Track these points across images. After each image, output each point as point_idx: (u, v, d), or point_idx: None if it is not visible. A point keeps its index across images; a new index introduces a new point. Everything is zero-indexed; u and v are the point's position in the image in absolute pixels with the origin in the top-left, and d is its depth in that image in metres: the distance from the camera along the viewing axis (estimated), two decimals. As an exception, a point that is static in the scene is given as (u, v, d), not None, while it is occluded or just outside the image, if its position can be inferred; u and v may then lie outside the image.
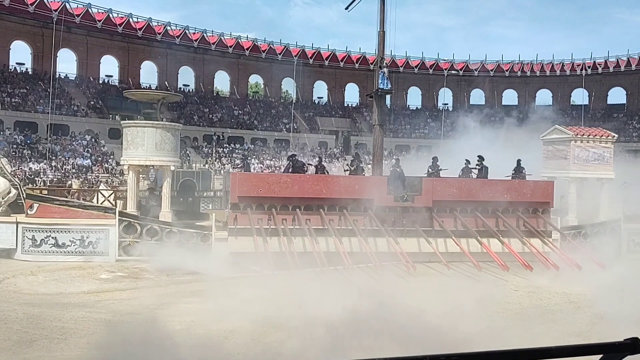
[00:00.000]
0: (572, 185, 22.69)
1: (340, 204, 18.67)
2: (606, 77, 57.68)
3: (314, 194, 18.63)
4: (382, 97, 21.77)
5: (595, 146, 22.75)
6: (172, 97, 25.89)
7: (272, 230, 17.90)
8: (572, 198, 22.75)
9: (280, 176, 19.85)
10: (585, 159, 22.60)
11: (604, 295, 12.82)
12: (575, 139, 22.62)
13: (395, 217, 18.98)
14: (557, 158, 23.33)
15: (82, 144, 39.29)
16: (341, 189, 18.71)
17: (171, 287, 15.01)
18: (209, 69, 55.42)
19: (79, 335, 10.38)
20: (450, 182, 19.83)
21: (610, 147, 22.92)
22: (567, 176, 22.79)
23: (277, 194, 18.41)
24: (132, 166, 20.65)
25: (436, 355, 1.72)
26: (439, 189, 19.35)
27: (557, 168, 23.20)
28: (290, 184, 18.62)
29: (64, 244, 18.15)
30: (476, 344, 8.52)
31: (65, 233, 18.17)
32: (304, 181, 18.96)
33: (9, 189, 18.61)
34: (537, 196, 20.06)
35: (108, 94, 48.49)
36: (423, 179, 19.92)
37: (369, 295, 12.37)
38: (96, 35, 48.23)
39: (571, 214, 22.57)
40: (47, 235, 18.11)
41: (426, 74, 60.08)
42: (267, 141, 51.70)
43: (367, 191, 18.74)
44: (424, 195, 19.19)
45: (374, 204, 18.79)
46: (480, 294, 14.07)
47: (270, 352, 9.68)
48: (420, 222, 18.94)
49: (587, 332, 11.13)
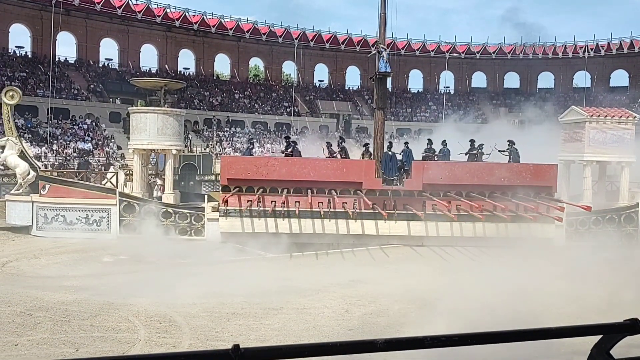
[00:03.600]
0: (587, 169, 21.71)
1: (329, 187, 18.87)
2: (609, 60, 57.24)
3: (302, 176, 18.87)
4: (383, 81, 21.63)
5: (614, 127, 21.36)
6: (175, 85, 26.49)
7: (261, 212, 18.50)
8: (587, 182, 21.77)
9: (269, 159, 20.23)
10: (602, 141, 21.37)
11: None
12: (591, 120, 21.42)
13: (385, 200, 19.00)
14: (573, 141, 22.27)
15: (83, 127, 39.21)
16: (329, 172, 18.88)
17: (172, 270, 15.10)
18: (209, 52, 55.07)
19: (82, 318, 10.48)
20: (442, 166, 19.52)
21: (631, 129, 21.45)
22: (582, 159, 21.74)
23: (266, 176, 18.84)
24: (136, 150, 21.75)
25: (437, 336, 1.74)
26: (431, 172, 19.04)
27: (573, 151, 22.20)
28: (278, 167, 19.00)
29: (71, 222, 19.73)
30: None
31: (72, 212, 19.73)
32: (292, 164, 19.21)
33: (29, 171, 20.35)
34: (539, 180, 19.44)
35: (108, 77, 48.26)
36: (413, 162, 19.69)
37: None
38: (95, 18, 47.85)
39: (585, 200, 21.44)
40: (57, 213, 19.78)
41: (428, 56, 59.64)
42: (267, 124, 51.55)
43: (355, 174, 18.80)
44: (414, 179, 19.03)
45: (363, 187, 18.86)
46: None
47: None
48: (411, 205, 18.91)
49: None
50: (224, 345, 9.28)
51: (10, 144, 20.53)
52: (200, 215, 19.52)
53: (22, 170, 20.26)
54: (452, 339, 1.72)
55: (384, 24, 21.48)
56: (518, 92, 61.37)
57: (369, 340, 1.71)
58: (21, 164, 20.30)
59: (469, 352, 2.15)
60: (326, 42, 56.98)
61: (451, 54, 58.57)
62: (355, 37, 57.63)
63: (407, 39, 58.39)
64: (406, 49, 58.26)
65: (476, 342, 1.75)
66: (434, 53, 59.08)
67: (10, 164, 20.62)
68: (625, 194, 21.70)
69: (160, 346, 9.07)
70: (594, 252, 15.71)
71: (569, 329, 1.86)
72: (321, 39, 56.87)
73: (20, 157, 20.44)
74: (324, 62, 60.21)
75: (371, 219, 18.53)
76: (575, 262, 14.49)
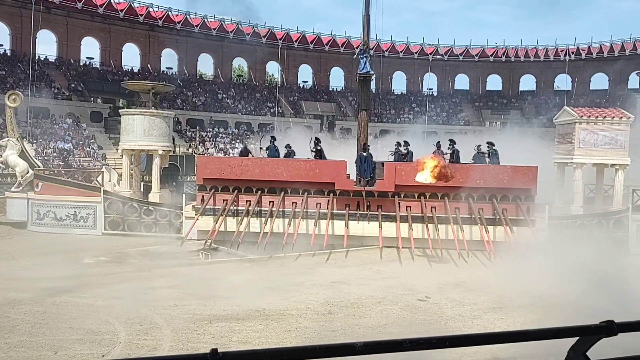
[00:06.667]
0: (577, 172, 20.98)
1: (303, 187, 19.01)
2: (589, 63, 58.11)
3: (275, 177, 19.05)
4: (367, 82, 21.66)
5: (606, 128, 20.48)
6: (163, 88, 27.47)
7: (236, 211, 18.87)
8: (578, 186, 21.08)
9: (242, 159, 20.31)
10: (593, 142, 20.55)
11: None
12: (581, 121, 20.60)
13: (359, 201, 19.05)
14: (566, 142, 21.58)
15: (63, 127, 38.70)
16: (302, 173, 18.99)
17: (155, 271, 14.97)
18: (193, 52, 54.73)
19: (60, 320, 10.32)
20: (415, 167, 18.97)
21: (625, 130, 20.52)
22: (572, 161, 20.99)
23: (240, 176, 19.11)
24: (125, 150, 22.76)
25: (416, 339, 1.74)
26: (404, 173, 18.86)
27: (565, 153, 21.51)
28: (252, 167, 19.22)
29: (61, 218, 20.73)
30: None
31: (62, 208, 20.71)
32: (265, 164, 19.40)
33: (27, 170, 21.87)
34: (517, 182, 18.79)
35: (89, 76, 47.71)
36: (385, 163, 19.64)
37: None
38: (76, 17, 47.30)
39: (576, 203, 20.89)
40: (48, 210, 20.83)
41: (411, 58, 59.97)
42: (251, 125, 51.40)
43: (328, 175, 18.90)
44: (386, 180, 18.97)
45: (336, 187, 18.95)
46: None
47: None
48: (384, 207, 18.91)
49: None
50: (206, 347, 9.22)
51: (11, 144, 22.03)
52: (179, 214, 20.23)
53: (21, 169, 21.81)
54: (430, 341, 1.72)
55: (368, 26, 21.53)
56: (500, 94, 62.01)
57: (349, 344, 1.71)
58: (20, 163, 21.83)
59: (453, 353, 2.17)
60: (310, 43, 57.01)
61: (434, 56, 58.97)
62: (340, 38, 57.75)
63: (391, 41, 58.67)
64: (390, 51, 58.54)
65: (455, 345, 1.75)
66: (417, 55, 59.45)
67: (11, 163, 22.16)
68: (620, 198, 20.80)
69: (141, 348, 8.97)
70: (570, 258, 15.44)
71: (546, 331, 1.87)
72: (305, 40, 56.89)
73: (21, 156, 22.02)
74: (308, 63, 60.22)
75: (342, 220, 18.53)
76: (541, 268, 14.43)
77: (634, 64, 52.93)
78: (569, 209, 20.88)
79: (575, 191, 21.14)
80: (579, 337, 1.92)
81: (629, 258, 16.69)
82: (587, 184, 23.02)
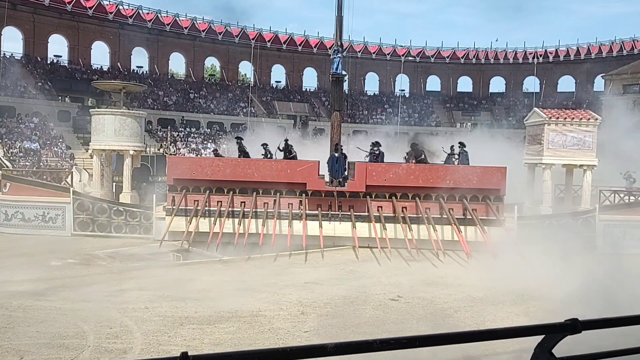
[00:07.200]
0: (546, 173, 21.34)
1: (274, 188, 19.05)
2: (557, 66, 59.45)
3: (246, 177, 19.06)
4: (340, 83, 21.75)
5: (574, 130, 20.88)
6: (135, 88, 27.41)
7: (207, 212, 18.82)
8: (547, 186, 21.41)
9: (213, 160, 20.31)
10: (561, 144, 20.94)
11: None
12: (549, 122, 21.00)
13: (331, 201, 19.13)
14: (535, 143, 21.95)
15: (30, 126, 37.77)
16: (273, 173, 19.02)
17: (125, 273, 14.74)
18: (164, 51, 54.08)
19: (27, 324, 10.08)
20: (387, 168, 19.36)
21: (592, 131, 20.91)
22: (541, 162, 21.34)
23: (211, 177, 19.07)
24: (95, 150, 22.71)
25: (386, 339, 1.76)
26: (375, 174, 19.01)
27: (535, 154, 21.93)
28: (223, 168, 19.19)
29: (29, 219, 20.43)
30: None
31: (30, 209, 20.43)
32: (236, 165, 19.39)
33: None
34: (486, 183, 19.02)
35: (57, 74, 46.68)
36: (357, 163, 19.73)
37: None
38: (43, 13, 46.23)
39: (546, 204, 21.25)
40: (16, 210, 20.53)
41: (384, 59, 60.41)
42: (223, 125, 51.02)
43: (299, 175, 18.95)
44: (357, 180, 19.07)
45: (307, 188, 19.01)
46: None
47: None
48: (355, 207, 19.00)
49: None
50: (177, 349, 9.14)
51: None
52: (149, 214, 20.09)
53: None
54: (400, 341, 1.74)
55: (341, 27, 21.63)
56: (471, 95, 62.93)
57: (320, 345, 1.71)
58: None
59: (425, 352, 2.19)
60: (283, 43, 56.92)
61: (406, 57, 59.53)
62: (312, 39, 57.81)
63: (363, 42, 59.01)
64: (363, 52, 58.87)
65: (424, 345, 1.77)
66: (389, 56, 59.92)
67: None
68: (588, 198, 21.24)
69: (110, 352, 8.82)
70: (539, 257, 15.69)
71: (514, 330, 1.90)
72: (278, 40, 56.77)
73: None
74: (281, 63, 60.11)
75: (315, 220, 18.56)
76: (512, 266, 14.70)
77: (600, 67, 54.33)
78: (539, 209, 21.19)
79: (545, 191, 21.48)
80: (545, 335, 1.96)
81: (596, 257, 17.04)
82: (558, 185, 23.47)
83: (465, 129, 55.65)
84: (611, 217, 19.28)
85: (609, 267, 14.23)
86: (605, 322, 1.99)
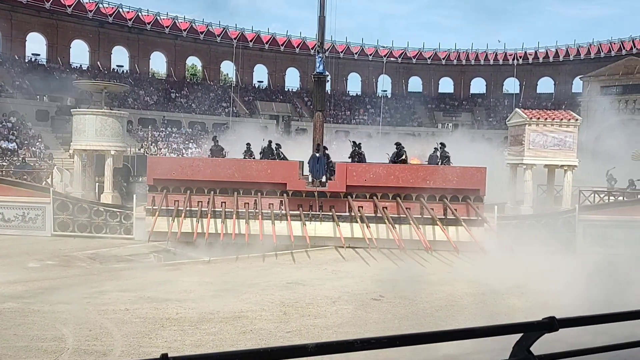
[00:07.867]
0: (527, 173, 21.49)
1: (255, 188, 19.00)
2: (536, 67, 60.25)
3: (226, 177, 19.00)
4: (322, 83, 21.77)
5: (555, 130, 21.04)
6: (116, 88, 27.44)
7: (187, 212, 18.61)
8: (528, 187, 21.54)
9: (193, 160, 20.34)
10: (542, 144, 21.08)
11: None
12: (530, 123, 21.13)
13: (312, 201, 19.13)
14: (517, 144, 22.09)
15: (7, 126, 37.14)
16: (254, 173, 18.97)
17: (104, 274, 14.57)
18: (145, 50, 53.61)
19: (4, 327, 9.90)
20: (367, 168, 19.37)
21: (573, 132, 21.07)
22: (522, 162, 21.47)
23: (191, 177, 19.01)
24: (76, 150, 22.59)
25: (367, 339, 1.77)
26: (355, 174, 19.03)
27: (516, 154, 22.09)
28: (203, 168, 19.13)
29: (9, 219, 20.10)
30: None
31: (10, 209, 20.09)
32: (216, 165, 19.33)
33: None
34: (465, 183, 19.04)
35: (35, 73, 45.96)
36: (337, 163, 19.75)
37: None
38: (21, 11, 45.53)
39: (527, 204, 21.35)
40: None
41: (366, 60, 60.62)
42: (205, 125, 50.74)
43: (279, 175, 18.96)
44: (337, 180, 19.08)
45: (288, 188, 19.00)
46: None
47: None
48: (336, 207, 19.02)
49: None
50: (158, 351, 9.05)
51: None
52: (130, 214, 19.94)
53: None
54: (381, 341, 1.75)
55: (323, 27, 21.64)
56: (452, 96, 63.45)
57: (301, 345, 1.72)
58: None
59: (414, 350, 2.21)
60: (265, 43, 56.81)
61: (388, 58, 59.82)
62: (295, 39, 57.78)
63: (346, 43, 59.13)
64: (345, 52, 58.99)
65: (405, 344, 1.78)
66: (372, 57, 60.14)
67: None
68: (568, 198, 21.30)
69: (90, 354, 8.71)
70: (519, 256, 15.80)
71: (493, 328, 1.93)
72: (260, 40, 56.64)
73: None
74: (263, 63, 59.97)
75: (297, 220, 18.56)
76: (491, 265, 14.86)
77: (578, 69, 55.20)
78: (520, 209, 21.35)
79: (526, 191, 21.59)
80: (523, 333, 1.99)
81: (575, 257, 17.28)
82: (540, 185, 23.73)
83: (447, 130, 56.09)
84: (591, 217, 19.21)
85: (587, 267, 14.45)
86: (582, 320, 2.03)
